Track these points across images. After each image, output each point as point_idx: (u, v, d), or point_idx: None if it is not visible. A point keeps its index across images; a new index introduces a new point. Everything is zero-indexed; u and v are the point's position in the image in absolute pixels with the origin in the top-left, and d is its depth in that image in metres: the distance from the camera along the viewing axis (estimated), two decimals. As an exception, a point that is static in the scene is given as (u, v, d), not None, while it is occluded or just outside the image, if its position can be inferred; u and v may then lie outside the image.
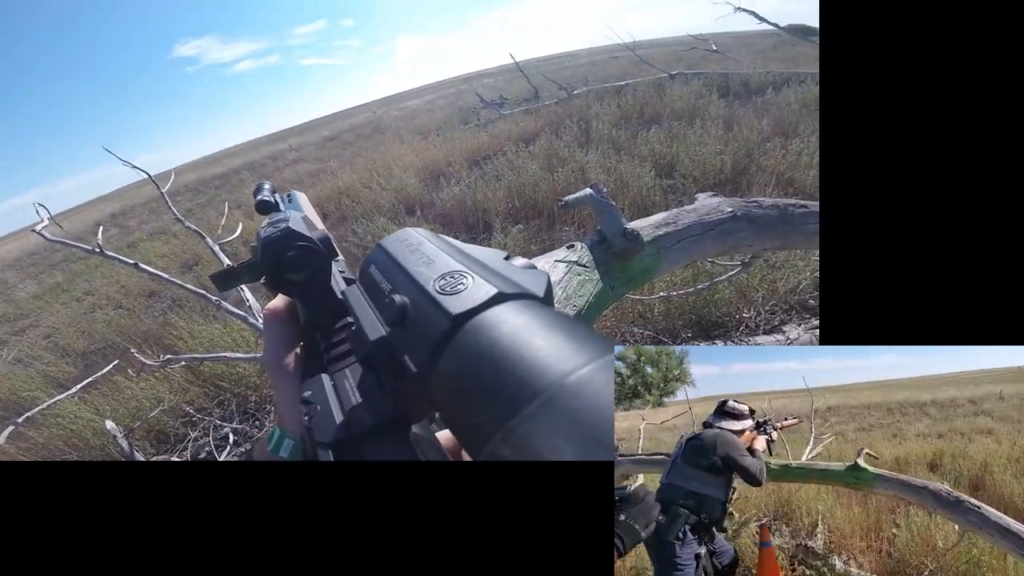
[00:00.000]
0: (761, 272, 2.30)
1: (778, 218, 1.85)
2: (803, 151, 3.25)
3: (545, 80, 7.13)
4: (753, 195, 2.73)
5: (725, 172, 3.20)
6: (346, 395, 0.26)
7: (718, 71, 5.95)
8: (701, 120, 4.14)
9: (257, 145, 24.07)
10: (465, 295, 0.17)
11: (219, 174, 12.19)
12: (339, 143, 10.68)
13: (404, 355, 0.18)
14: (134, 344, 2.90)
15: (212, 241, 2.28)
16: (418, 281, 0.19)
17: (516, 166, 4.08)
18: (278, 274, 0.33)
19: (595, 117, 4.89)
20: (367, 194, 4.72)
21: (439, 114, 9.21)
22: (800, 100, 4.49)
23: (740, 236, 1.81)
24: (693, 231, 1.67)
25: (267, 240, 0.33)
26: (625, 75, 6.94)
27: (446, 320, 0.16)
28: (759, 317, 2.23)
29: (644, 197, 3.05)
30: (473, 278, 0.18)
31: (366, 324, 0.20)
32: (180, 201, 9.81)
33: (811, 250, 2.35)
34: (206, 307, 2.60)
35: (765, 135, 3.72)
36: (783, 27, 9.40)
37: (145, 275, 1.92)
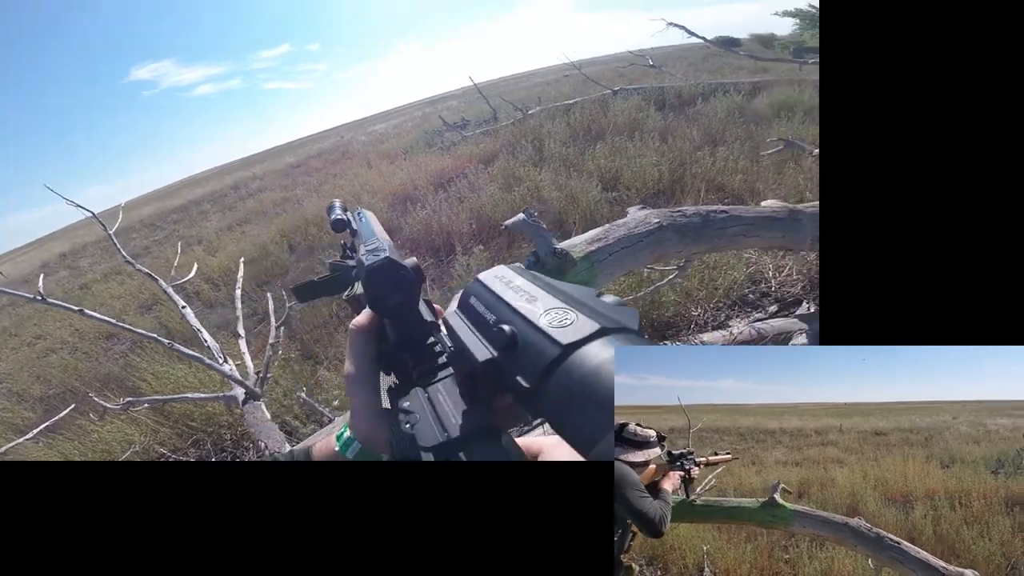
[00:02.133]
0: (700, 273, 2.44)
1: (701, 224, 2.00)
2: (729, 157, 3.46)
3: (503, 101, 7.29)
4: (687, 202, 2.92)
5: (663, 182, 3.39)
6: (440, 406, 0.28)
7: (655, 85, 6.21)
8: (640, 133, 4.34)
9: (220, 174, 23.32)
10: (571, 328, 0.19)
11: (178, 207, 11.76)
12: (305, 169, 10.50)
13: (515, 375, 0.20)
14: (94, 388, 2.82)
15: (165, 283, 2.26)
16: (524, 315, 0.22)
17: (477, 187, 4.18)
18: (381, 298, 0.36)
19: (547, 136, 5.05)
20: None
21: (406, 138, 9.21)
22: (725, 109, 4.76)
23: (668, 244, 1.95)
24: (624, 243, 1.81)
25: (371, 269, 0.35)
26: (574, 93, 7.18)
27: (557, 348, 0.19)
28: (706, 315, 2.36)
29: (593, 211, 3.20)
30: (577, 315, 0.20)
31: (472, 347, 0.23)
32: (136, 238, 9.38)
33: (740, 250, 2.54)
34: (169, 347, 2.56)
35: (696, 144, 3.94)
36: (710, 39, 9.95)
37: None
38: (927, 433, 1.32)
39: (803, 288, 2.40)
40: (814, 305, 2.22)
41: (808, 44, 12.76)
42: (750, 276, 2.46)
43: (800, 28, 14.58)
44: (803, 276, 2.43)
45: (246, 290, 3.88)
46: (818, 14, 12.77)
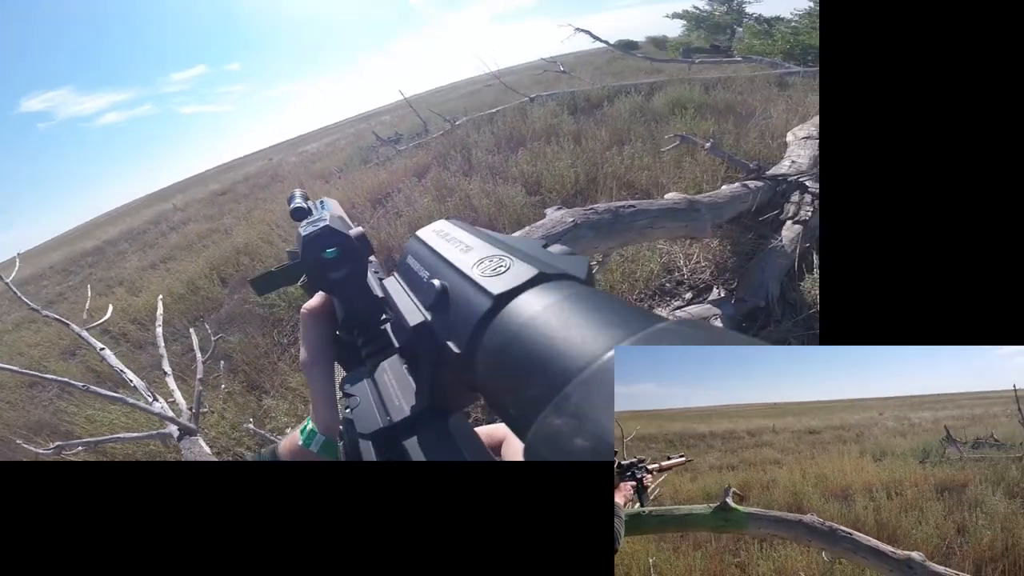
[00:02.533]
0: (620, 267, 2.59)
1: (612, 220, 2.22)
2: (635, 155, 3.75)
3: (432, 113, 7.33)
4: (602, 200, 3.17)
5: (580, 183, 3.63)
6: (385, 388, 0.26)
7: (567, 90, 6.51)
8: (556, 137, 4.57)
9: (136, 208, 21.46)
10: (507, 276, 0.16)
11: (92, 248, 10.73)
12: (232, 196, 9.93)
13: (446, 339, 0.17)
14: (23, 436, 2.65)
15: (79, 327, 2.21)
16: (456, 266, 0.19)
17: (412, 200, 4.23)
18: (318, 272, 0.33)
19: (474, 145, 5.19)
20: (268, 250, 4.50)
21: (339, 155, 8.93)
22: (629, 109, 5.09)
23: (584, 241, 2.16)
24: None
25: (308, 238, 0.33)
26: (496, 102, 7.36)
27: (488, 300, 0.16)
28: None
29: (520, 215, 3.38)
30: (513, 260, 0.17)
31: (406, 311, 0.20)
32: (47, 285, 8.51)
33: (651, 242, 2.76)
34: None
35: (606, 144, 4.20)
36: (612, 43, 10.62)
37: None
38: (858, 429, 1.24)
39: (711, 274, 2.57)
40: (724, 290, 2.44)
41: (695, 44, 13.91)
42: (664, 266, 2.65)
43: (687, 29, 15.87)
44: (710, 262, 2.62)
45: (177, 327, 3.72)
46: (704, 15, 13.70)
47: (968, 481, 1.00)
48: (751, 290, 2.27)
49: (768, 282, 2.28)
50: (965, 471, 1.03)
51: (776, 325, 2.10)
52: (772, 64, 8.15)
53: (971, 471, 1.03)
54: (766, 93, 5.43)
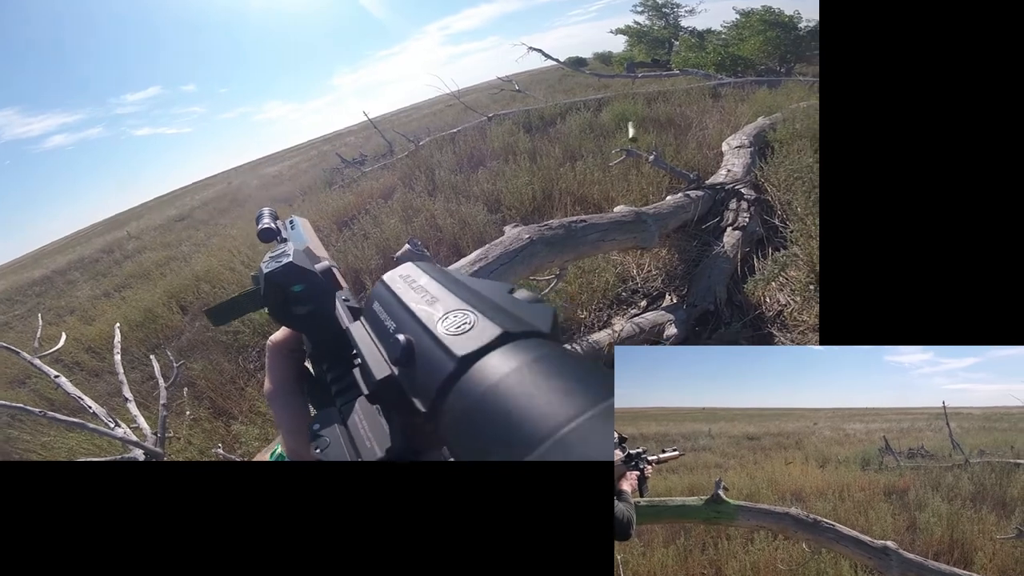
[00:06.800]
0: (578, 279, 2.59)
1: (565, 235, 2.25)
2: (586, 170, 3.82)
3: (396, 135, 7.24)
4: (558, 216, 3.22)
5: (537, 199, 3.68)
6: (355, 428, 0.24)
7: (522, 108, 6.60)
8: (514, 156, 4.61)
9: (87, 236, 19.94)
10: (472, 334, 0.16)
11: (40, 278, 9.86)
12: (190, 222, 9.41)
13: (412, 395, 0.17)
14: None
15: (29, 355, 2.06)
16: (422, 320, 0.18)
17: (379, 222, 4.12)
18: (282, 308, 0.31)
19: (438, 165, 5.15)
20: (230, 276, 4.26)
21: (303, 178, 8.65)
22: (579, 125, 5.22)
23: (540, 256, 2.17)
24: (503, 260, 1.99)
25: (269, 276, 0.31)
26: (456, 122, 7.37)
27: (452, 362, 0.15)
28: (591, 316, 2.48)
29: (482, 233, 3.37)
30: (478, 317, 0.17)
31: (372, 362, 0.20)
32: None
33: (604, 253, 2.80)
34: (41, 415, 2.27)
35: (559, 161, 4.26)
36: (563, 61, 10.88)
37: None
38: (796, 437, 1.34)
39: (663, 282, 2.61)
40: (675, 296, 2.49)
41: (638, 59, 14.47)
42: (619, 276, 2.68)
43: (629, 45, 16.54)
44: (661, 271, 2.67)
45: (136, 355, 3.46)
46: (644, 30, 14.24)
47: (908, 486, 1.06)
48: (700, 295, 2.33)
49: (715, 287, 2.35)
50: (904, 477, 1.09)
51: (726, 327, 2.15)
52: (706, 76, 8.60)
53: (909, 478, 1.08)
54: (701, 105, 5.67)
